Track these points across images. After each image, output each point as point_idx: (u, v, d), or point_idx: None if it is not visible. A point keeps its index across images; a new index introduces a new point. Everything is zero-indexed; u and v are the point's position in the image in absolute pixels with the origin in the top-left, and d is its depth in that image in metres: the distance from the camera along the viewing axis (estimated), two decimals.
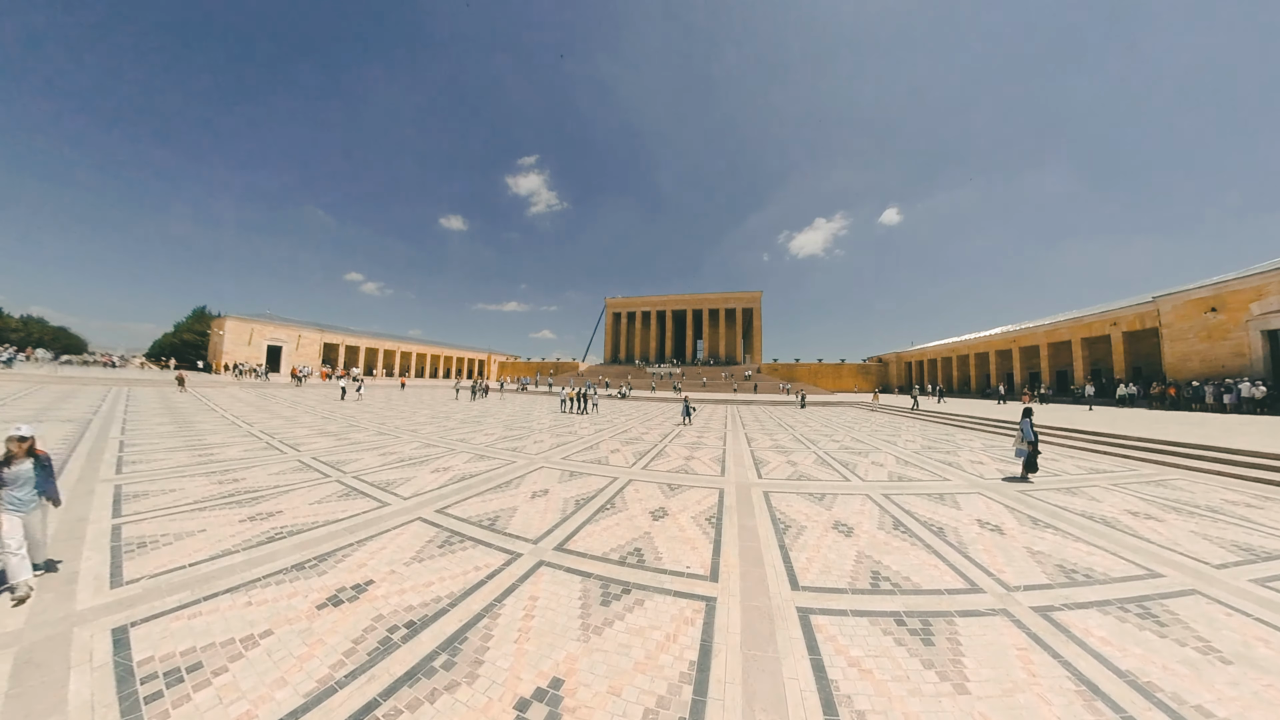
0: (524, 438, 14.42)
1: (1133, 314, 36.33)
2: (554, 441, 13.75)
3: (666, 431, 16.98)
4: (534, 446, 12.82)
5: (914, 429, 19.90)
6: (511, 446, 12.77)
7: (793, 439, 15.60)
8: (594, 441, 13.94)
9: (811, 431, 18.09)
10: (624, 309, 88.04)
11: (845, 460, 11.87)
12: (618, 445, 13.38)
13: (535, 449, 12.42)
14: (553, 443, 13.57)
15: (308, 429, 14.96)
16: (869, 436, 16.87)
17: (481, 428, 16.90)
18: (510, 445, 13.02)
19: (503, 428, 16.98)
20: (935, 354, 60.74)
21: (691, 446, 13.41)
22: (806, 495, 8.10)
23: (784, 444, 14.50)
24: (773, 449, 13.41)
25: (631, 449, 12.77)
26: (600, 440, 14.20)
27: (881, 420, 24.64)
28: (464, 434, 15.10)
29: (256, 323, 56.96)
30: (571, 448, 12.78)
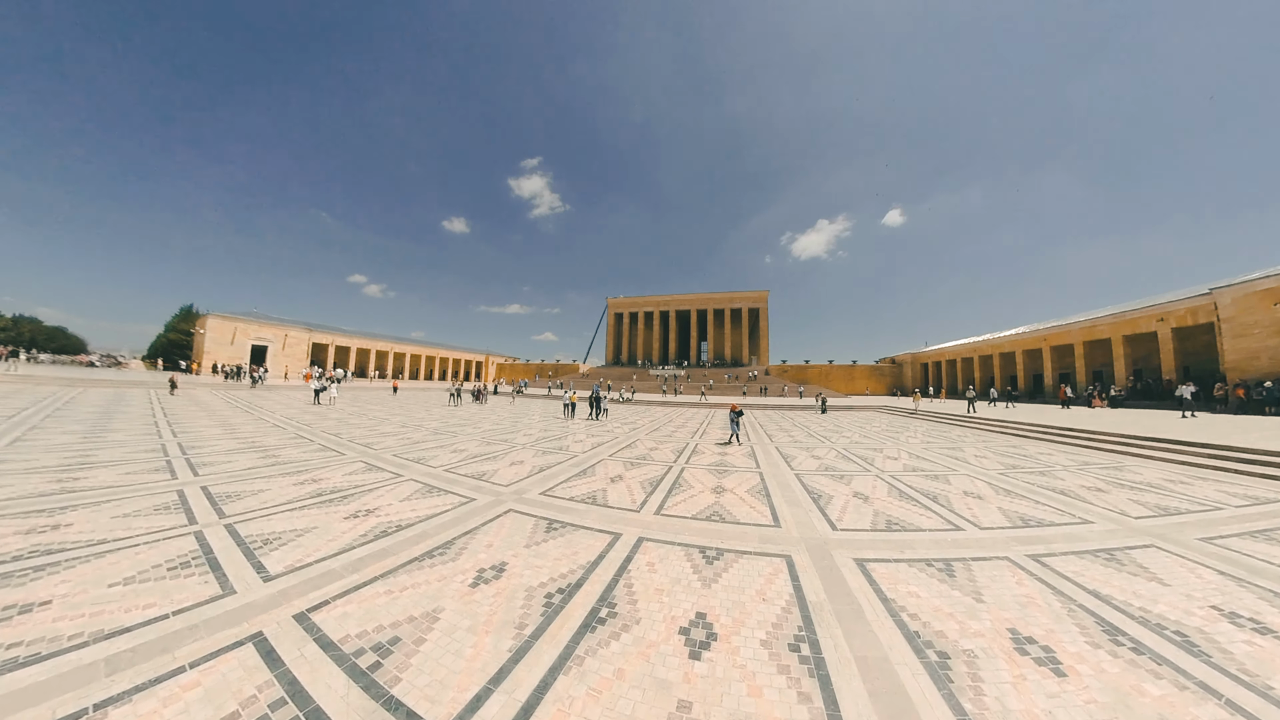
0: (499, 457, 11.38)
1: (1183, 308, 33.23)
2: (536, 464, 10.67)
3: (682, 446, 13.90)
4: (508, 471, 9.75)
5: (983, 442, 16.78)
6: (479, 471, 9.71)
7: (837, 454, 12.54)
8: (588, 463, 10.87)
9: (852, 443, 15.01)
10: (626, 309, 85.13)
11: (930, 491, 8.78)
12: (619, 468, 10.29)
13: (509, 475, 9.35)
14: (535, 465, 10.49)
15: (238, 442, 11.97)
16: (932, 451, 13.77)
17: (455, 440, 13.87)
18: (479, 469, 9.96)
19: (479, 441, 13.94)
20: (954, 354, 57.54)
21: (717, 471, 10.31)
22: (923, 565, 5.05)
23: (831, 462, 11.42)
24: (822, 471, 10.32)
25: (638, 475, 9.67)
26: (596, 460, 11.14)
27: (927, 429, 21.50)
28: (430, 449, 12.09)
29: (240, 321, 54.18)
30: (557, 472, 9.70)
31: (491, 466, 10.07)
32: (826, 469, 10.65)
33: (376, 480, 8.61)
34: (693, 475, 9.50)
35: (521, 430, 16.66)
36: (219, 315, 52.85)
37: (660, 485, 8.53)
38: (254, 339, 55.35)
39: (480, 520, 6.38)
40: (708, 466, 10.54)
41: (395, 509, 6.78)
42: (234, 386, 36.70)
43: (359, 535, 5.63)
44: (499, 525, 6.18)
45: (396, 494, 7.68)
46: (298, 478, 8.62)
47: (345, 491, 7.69)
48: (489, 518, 6.49)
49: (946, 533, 6.26)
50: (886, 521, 6.77)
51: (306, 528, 5.83)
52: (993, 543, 5.88)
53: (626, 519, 6.47)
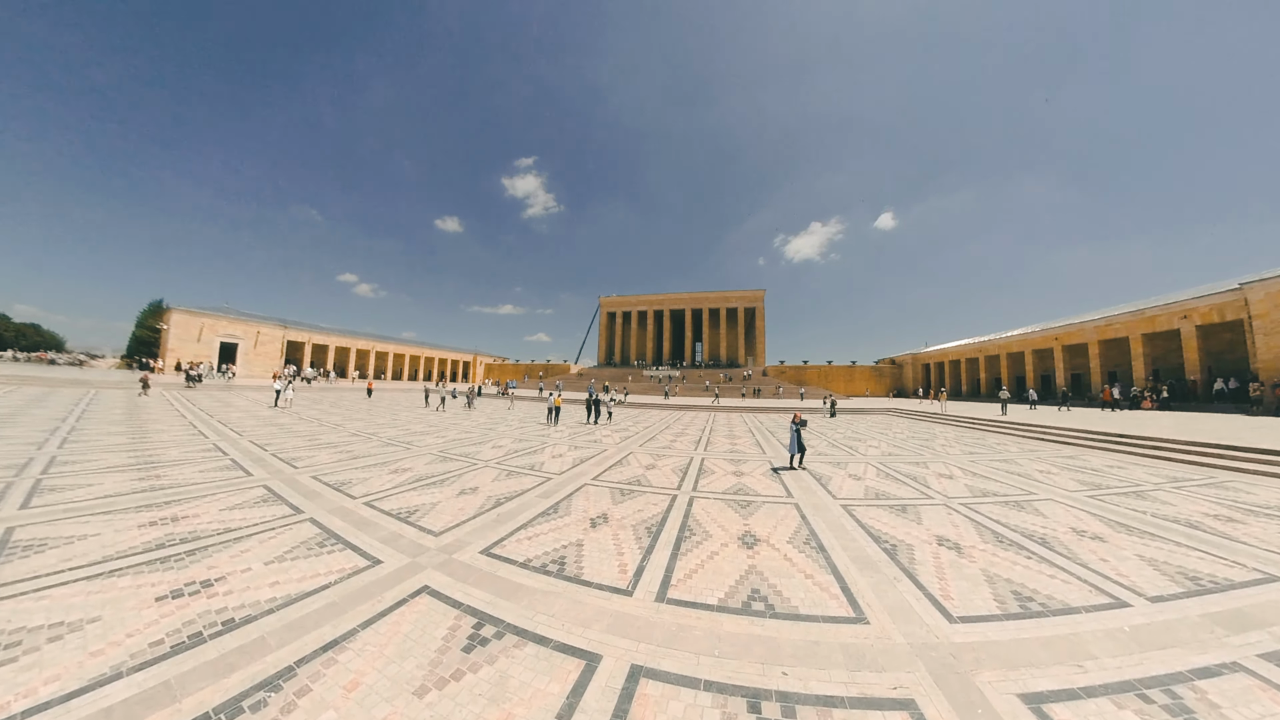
0: (450, 480, 8.80)
1: (1208, 305, 31.37)
2: (494, 492, 8.09)
3: (685, 462, 11.36)
4: (451, 506, 7.16)
5: (1033, 453, 14.43)
6: (411, 506, 7.12)
7: (876, 470, 10.09)
8: (562, 492, 8.29)
9: (886, 455, 12.58)
10: (619, 308, 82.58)
11: (1035, 532, 6.35)
12: (603, 501, 7.69)
13: (449, 514, 6.76)
14: (491, 495, 7.90)
15: (126, 456, 9.25)
16: (987, 467, 11.37)
17: (405, 455, 11.25)
18: (412, 501, 7.37)
19: (434, 456, 11.33)
20: (958, 354, 55.66)
21: (737, 502, 7.75)
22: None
23: (877, 484, 8.94)
24: (874, 501, 7.85)
25: (630, 513, 7.07)
26: (575, 487, 8.56)
27: (956, 435, 19.14)
28: (366, 468, 9.48)
29: (207, 317, 50.84)
30: (518, 509, 7.12)
31: (430, 498, 7.46)
32: (877, 496, 8.19)
33: (261, 520, 6.03)
34: (706, 512, 6.95)
35: (491, 441, 14.03)
36: (184, 310, 49.52)
37: (663, 532, 5.96)
38: (223, 336, 52.02)
39: (367, 612, 3.79)
40: (723, 495, 7.99)
41: (250, 579, 4.23)
42: (202, 387, 33.54)
43: (125, 659, 3.02)
44: (392, 627, 3.60)
45: (272, 547, 5.09)
46: (150, 515, 6.01)
47: (199, 541, 5.13)
48: (383, 607, 3.91)
49: (1108, 611, 3.81)
50: (1016, 596, 4.33)
51: (58, 633, 3.22)
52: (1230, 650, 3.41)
53: (611, 612, 3.90)
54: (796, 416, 10.78)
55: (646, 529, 5.92)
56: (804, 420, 10.77)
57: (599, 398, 20.74)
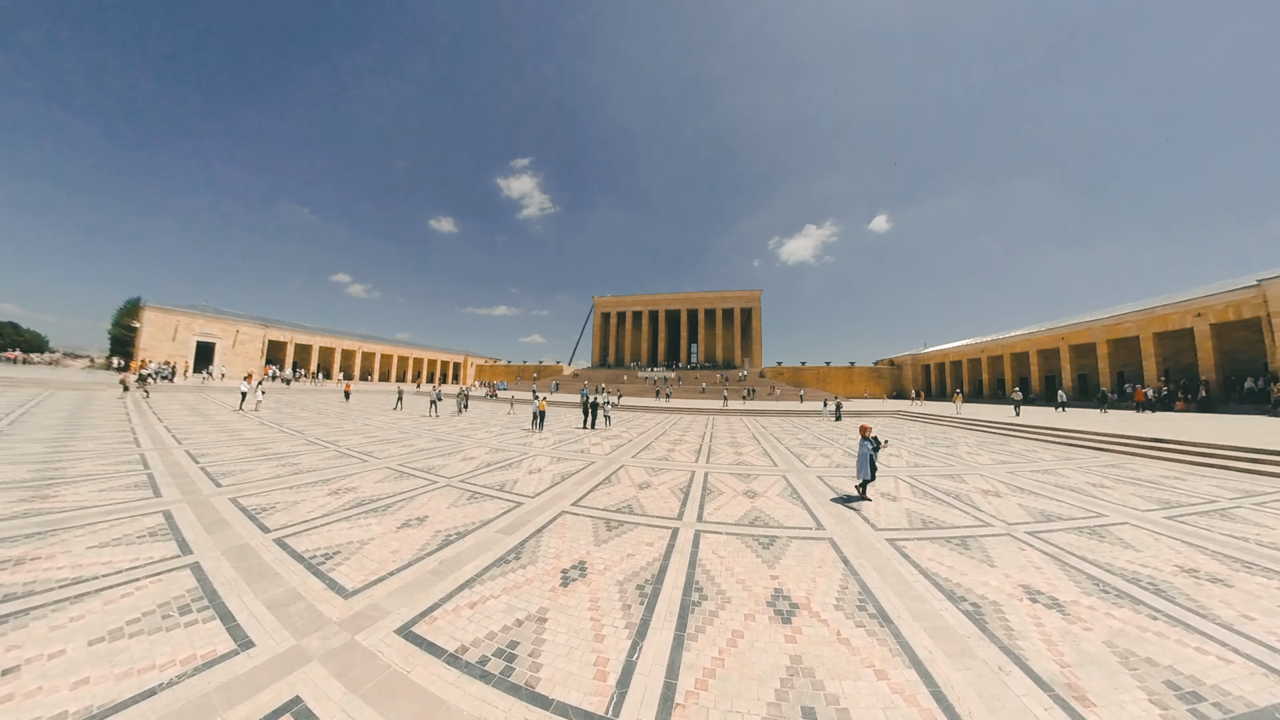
0: (391, 508, 7.17)
1: (1223, 302, 30.29)
2: (440, 526, 6.51)
3: (685, 481, 9.75)
4: (378, 553, 5.56)
5: (1084, 468, 12.98)
6: (332, 547, 5.50)
7: (922, 493, 8.54)
8: (529, 534, 6.69)
9: (915, 467, 11.05)
10: (613, 309, 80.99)
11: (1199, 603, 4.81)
12: (582, 543, 6.08)
13: (369, 566, 5.16)
14: (432, 534, 6.30)
15: (25, 473, 7.54)
16: (1053, 487, 9.88)
17: (360, 469, 9.58)
18: (333, 545, 5.75)
19: (391, 470, 9.68)
20: (959, 355, 54.54)
21: (758, 538, 6.17)
22: None
23: (929, 512, 7.39)
24: (936, 536, 6.31)
25: (615, 559, 5.48)
26: (546, 533, 6.94)
27: (980, 441, 17.68)
28: (290, 492, 7.82)
29: (182, 315, 48.67)
30: (469, 554, 5.53)
31: (363, 533, 5.83)
32: (924, 524, 6.65)
33: (129, 566, 4.52)
34: (718, 556, 5.33)
35: (464, 452, 12.38)
36: (157, 308, 47.37)
37: (662, 592, 4.32)
38: (199, 335, 49.86)
39: None
40: (737, 528, 6.39)
41: (50, 675, 2.79)
42: (165, 388, 31.48)
43: None
44: None
45: (115, 613, 3.63)
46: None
47: (22, 602, 3.47)
48: None
49: None
50: (1175, 690, 2.81)
51: None
52: None
53: None
54: (865, 430, 8.11)
55: (638, 588, 4.29)
56: (880, 440, 8.08)
57: (595, 400, 19.14)
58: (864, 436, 8.11)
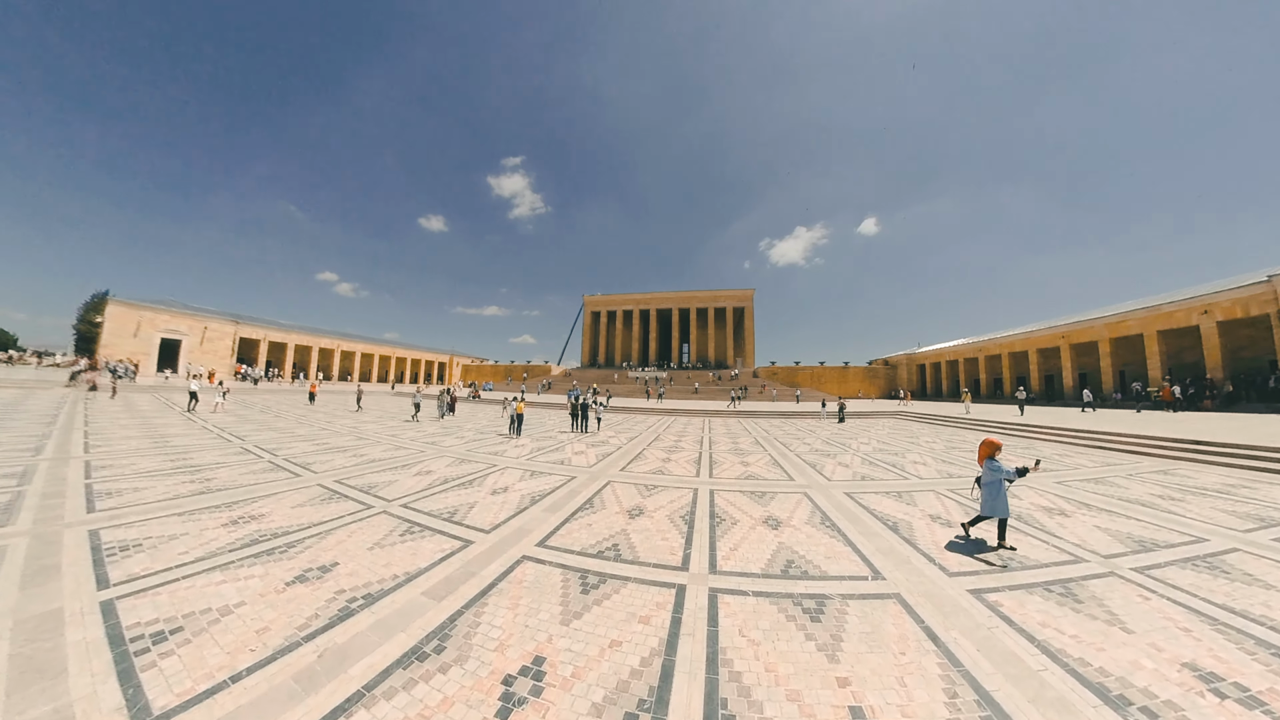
0: (275, 556, 5.39)
1: (1230, 299, 29.45)
2: (332, 593, 4.71)
3: (686, 505, 8.04)
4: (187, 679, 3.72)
5: (1144, 473, 11.50)
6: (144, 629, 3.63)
7: (972, 515, 6.93)
8: (466, 603, 4.93)
9: (945, 477, 9.46)
10: (604, 308, 79.09)
11: None
12: (546, 618, 4.33)
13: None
14: (296, 627, 4.50)
15: None
16: (1116, 500, 8.33)
17: (284, 487, 7.74)
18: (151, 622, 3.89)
19: (321, 490, 7.84)
20: (955, 354, 53.62)
21: (812, 619, 4.49)
22: None
23: (1018, 553, 5.77)
24: (1074, 612, 4.68)
25: (593, 654, 3.73)
26: (490, 605, 5.18)
27: (1005, 447, 16.16)
28: (138, 528, 5.97)
29: (146, 310, 45.80)
30: (367, 661, 3.72)
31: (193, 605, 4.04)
32: (1017, 567, 5.03)
33: None
34: (745, 637, 3.64)
35: (422, 463, 10.53)
36: (120, 302, 44.50)
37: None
38: (164, 331, 47.00)
39: None
40: (765, 581, 4.66)
41: None
42: (123, 387, 28.90)
43: None
44: None
45: None
46: None
47: None
48: None
49: None
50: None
51: None
52: None
53: None
54: (990, 446, 5.50)
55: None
56: (1022, 467, 5.43)
57: (586, 401, 17.36)
58: (990, 456, 5.54)
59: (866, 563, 5.03)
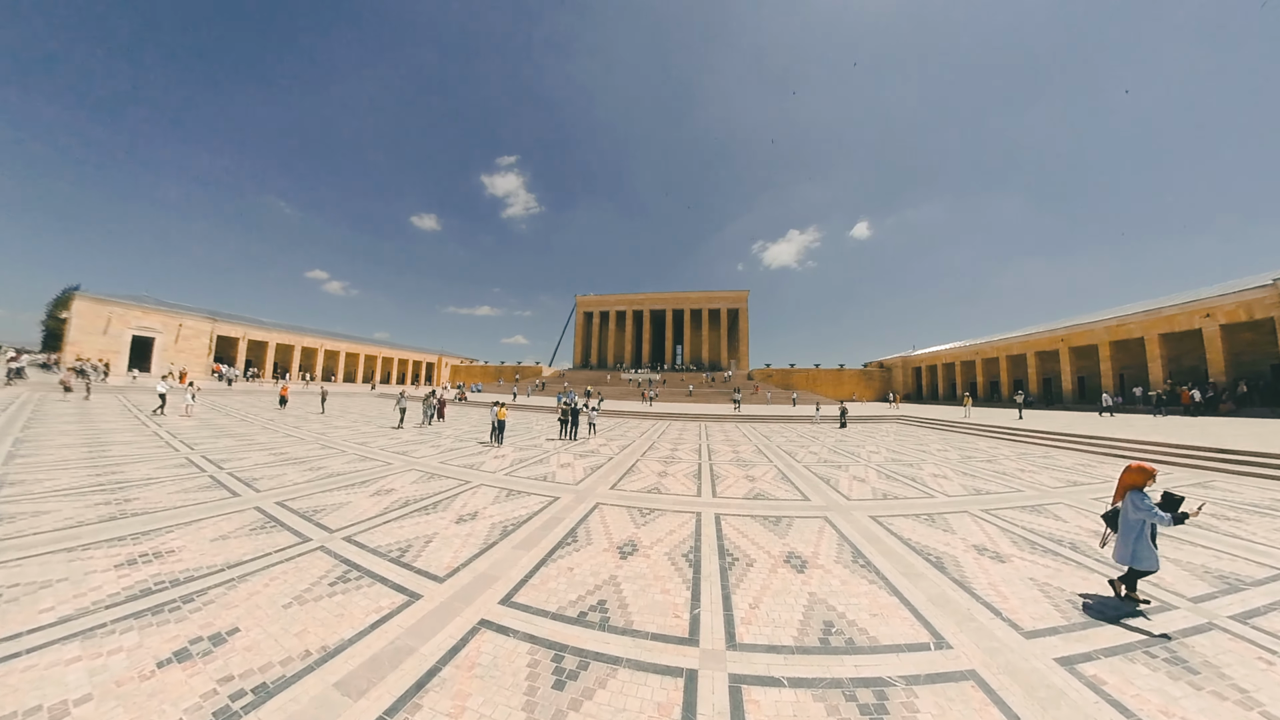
0: (164, 618, 4.16)
1: (1233, 302, 29.03)
2: (216, 680, 3.46)
3: (688, 536, 6.93)
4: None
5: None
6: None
7: (1028, 546, 5.89)
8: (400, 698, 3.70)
9: (984, 496, 8.45)
10: (596, 308, 77.86)
11: None
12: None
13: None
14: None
15: None
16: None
17: (216, 510, 6.52)
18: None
19: (256, 516, 6.63)
20: (952, 357, 53.13)
21: (867, 704, 3.38)
22: None
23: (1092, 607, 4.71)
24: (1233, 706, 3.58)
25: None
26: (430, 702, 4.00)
27: (1019, 452, 15.25)
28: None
29: (116, 305, 43.83)
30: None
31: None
32: (1135, 633, 3.98)
33: None
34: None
35: (387, 478, 9.31)
36: (87, 297, 42.55)
37: None
38: (135, 328, 45.02)
39: None
40: (817, 672, 3.60)
41: None
42: (99, 386, 27.18)
43: None
44: None
45: None
46: None
47: None
48: None
49: None
50: None
51: None
52: None
53: None
54: (1141, 475, 4.33)
55: None
56: (1180, 512, 4.16)
57: (579, 405, 16.16)
58: (1138, 488, 4.32)
59: (923, 622, 3.95)
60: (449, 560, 4.90)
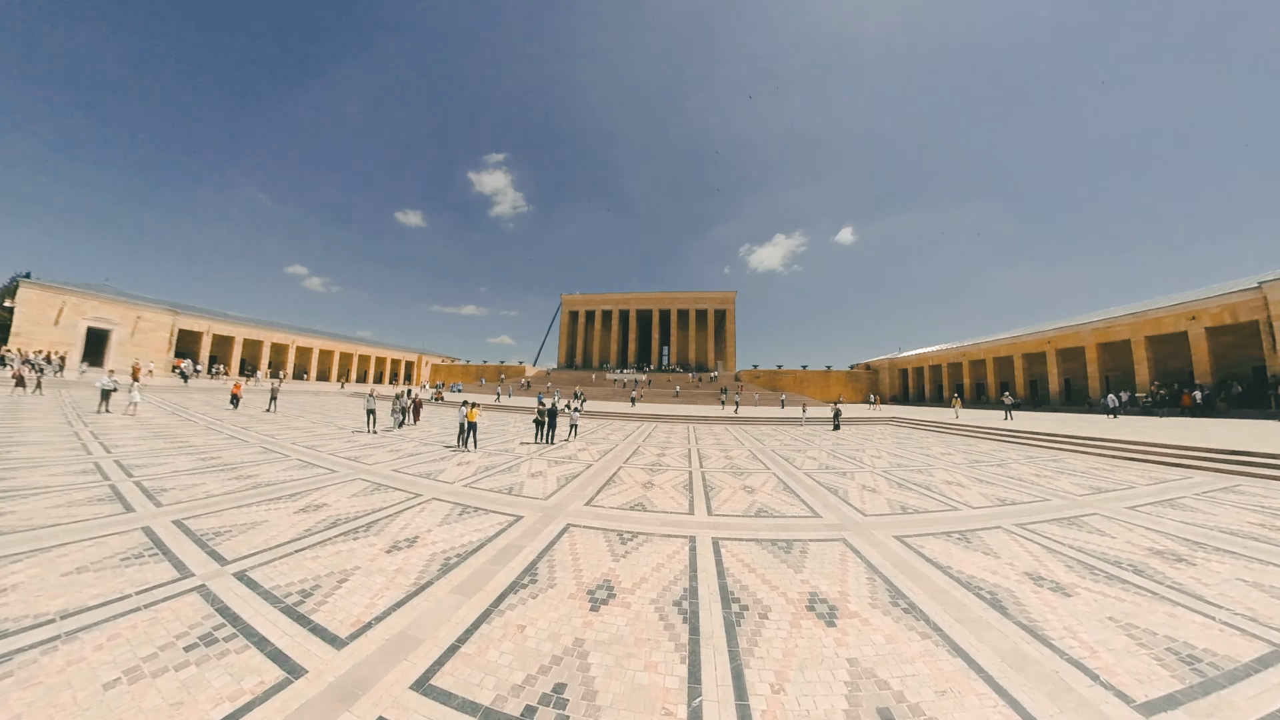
0: None
1: (1219, 305, 29.13)
2: None
3: (681, 571, 5.76)
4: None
5: (1219, 495, 9.71)
6: None
7: (1085, 571, 4.87)
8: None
9: (1010, 506, 7.45)
10: (582, 307, 76.34)
11: None
12: None
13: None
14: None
15: None
16: (1217, 531, 6.40)
17: (99, 530, 5.11)
18: None
19: (132, 544, 5.24)
20: (938, 359, 53.08)
21: None
22: None
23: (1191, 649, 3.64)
24: None
25: None
26: None
27: (1026, 455, 14.40)
28: None
29: (70, 294, 41.06)
30: None
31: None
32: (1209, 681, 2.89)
33: None
34: None
35: (314, 495, 7.95)
36: (36, 285, 39.81)
37: None
38: (91, 319, 42.24)
39: None
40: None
41: None
42: (50, 383, 24.82)
43: None
44: None
45: None
46: None
47: None
48: None
49: None
50: None
51: None
52: None
53: None
54: None
55: None
56: None
57: (559, 406, 14.84)
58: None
59: (1009, 701, 2.84)
60: (360, 611, 3.63)
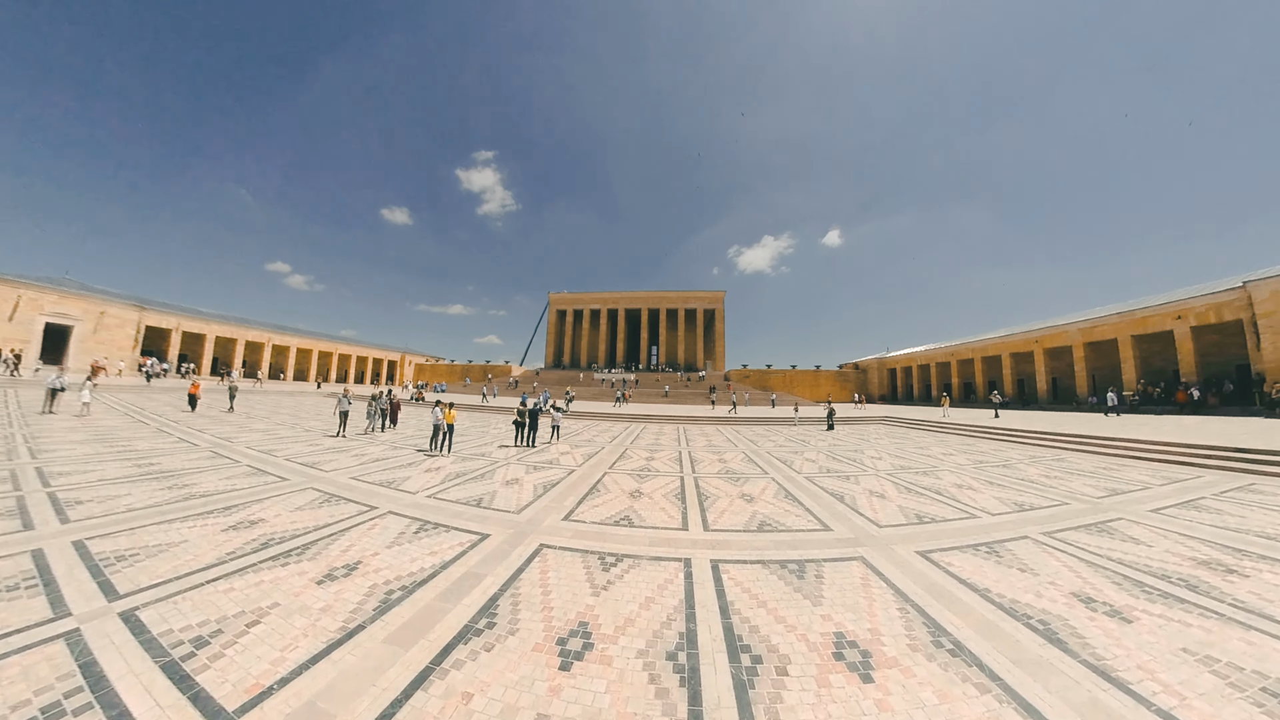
0: None
1: (1204, 304, 29.33)
2: None
3: (665, 632, 4.95)
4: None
5: (1237, 493, 9.20)
6: None
7: (1160, 599, 4.20)
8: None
9: (1031, 514, 6.82)
10: (570, 306, 75.19)
11: None
12: None
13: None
14: None
15: None
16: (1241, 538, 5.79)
17: None
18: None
19: (19, 577, 4.26)
20: (927, 359, 53.19)
21: None
22: None
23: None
24: None
25: None
26: None
27: (1028, 454, 13.88)
28: None
29: (26, 288, 38.71)
30: None
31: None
32: None
33: None
34: None
35: (255, 507, 6.96)
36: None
37: None
38: (50, 314, 39.95)
39: None
40: None
41: None
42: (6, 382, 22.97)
43: None
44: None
45: None
46: None
47: None
48: None
49: None
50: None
51: None
52: None
53: None
54: None
55: None
56: None
57: (538, 408, 13.95)
58: None
59: None
60: (262, 669, 2.77)
